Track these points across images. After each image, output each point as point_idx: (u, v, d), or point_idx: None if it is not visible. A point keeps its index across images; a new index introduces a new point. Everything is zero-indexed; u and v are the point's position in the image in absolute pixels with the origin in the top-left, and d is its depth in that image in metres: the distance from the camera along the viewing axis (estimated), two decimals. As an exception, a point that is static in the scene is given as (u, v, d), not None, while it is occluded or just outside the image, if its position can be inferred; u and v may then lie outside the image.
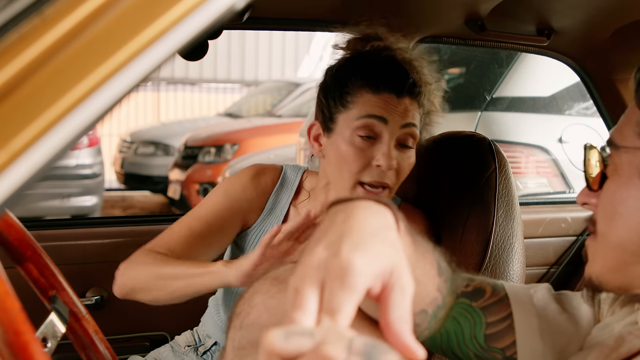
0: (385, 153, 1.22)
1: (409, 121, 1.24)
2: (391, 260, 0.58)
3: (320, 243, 0.58)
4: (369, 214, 0.62)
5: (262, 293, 0.69)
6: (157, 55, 0.51)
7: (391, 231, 0.63)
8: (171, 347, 1.49)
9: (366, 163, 1.23)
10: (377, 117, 1.22)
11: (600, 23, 1.72)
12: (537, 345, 0.79)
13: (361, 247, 0.56)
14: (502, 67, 3.57)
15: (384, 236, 0.60)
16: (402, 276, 0.58)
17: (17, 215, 0.96)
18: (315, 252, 0.57)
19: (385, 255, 0.58)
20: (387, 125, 1.22)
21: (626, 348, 0.70)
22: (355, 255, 0.55)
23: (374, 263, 0.56)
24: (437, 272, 0.75)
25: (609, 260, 0.72)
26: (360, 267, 0.54)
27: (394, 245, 0.61)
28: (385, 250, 0.58)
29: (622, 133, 0.71)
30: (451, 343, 0.81)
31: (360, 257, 0.55)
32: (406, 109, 1.23)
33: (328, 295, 0.53)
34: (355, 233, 0.58)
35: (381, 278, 0.56)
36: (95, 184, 5.22)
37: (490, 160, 1.42)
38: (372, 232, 0.59)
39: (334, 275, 0.54)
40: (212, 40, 1.38)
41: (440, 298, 0.76)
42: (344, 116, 1.25)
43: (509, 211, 1.38)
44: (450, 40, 1.85)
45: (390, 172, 1.24)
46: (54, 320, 0.91)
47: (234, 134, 6.25)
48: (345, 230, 0.58)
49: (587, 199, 0.75)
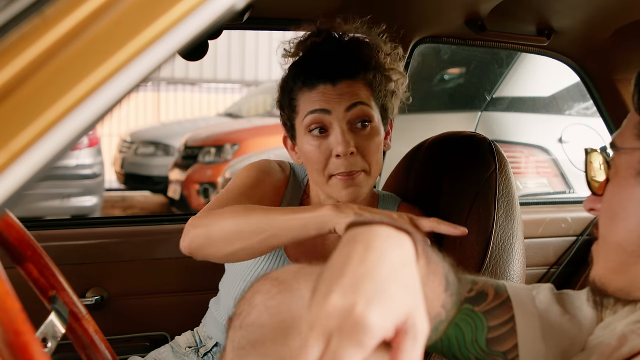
0: (339, 141, 1.22)
1: (352, 102, 1.24)
2: (408, 307, 0.57)
3: (336, 287, 0.56)
4: (388, 247, 0.60)
5: (262, 293, 0.69)
6: (157, 55, 0.51)
7: (410, 268, 0.61)
8: (171, 348, 1.49)
9: (327, 156, 1.24)
10: (318, 111, 1.23)
11: (600, 23, 1.72)
12: (539, 347, 0.79)
13: (378, 300, 0.55)
14: (502, 67, 3.58)
15: (403, 277, 0.59)
16: (417, 323, 0.56)
17: (17, 215, 0.96)
18: (331, 298, 0.55)
19: (402, 303, 0.56)
20: (332, 115, 1.23)
21: (629, 347, 0.70)
22: (370, 311, 0.54)
23: (389, 316, 0.55)
24: (444, 289, 0.74)
25: (610, 262, 0.72)
26: (374, 325, 0.53)
27: (412, 286, 0.59)
28: (402, 297, 0.57)
29: (623, 135, 0.72)
30: (452, 347, 0.81)
31: (376, 313, 0.54)
32: (345, 92, 1.24)
33: (336, 347, 0.52)
34: (373, 279, 0.56)
35: (395, 327, 0.56)
36: (95, 184, 5.22)
37: (491, 160, 1.42)
38: (391, 275, 0.58)
39: (347, 331, 0.53)
40: (212, 40, 1.38)
41: (443, 313, 0.76)
42: (297, 121, 1.28)
43: (509, 211, 1.37)
44: (450, 40, 1.85)
45: (354, 157, 1.23)
46: (54, 320, 0.91)
47: (234, 134, 6.25)
48: (363, 274, 0.57)
49: (593, 204, 0.75)
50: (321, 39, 1.29)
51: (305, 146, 1.27)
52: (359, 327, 0.53)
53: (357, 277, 0.57)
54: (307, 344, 0.53)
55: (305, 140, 1.26)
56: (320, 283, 0.58)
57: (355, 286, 0.56)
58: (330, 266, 0.60)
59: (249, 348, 0.65)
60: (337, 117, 1.23)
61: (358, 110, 1.24)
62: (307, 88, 1.25)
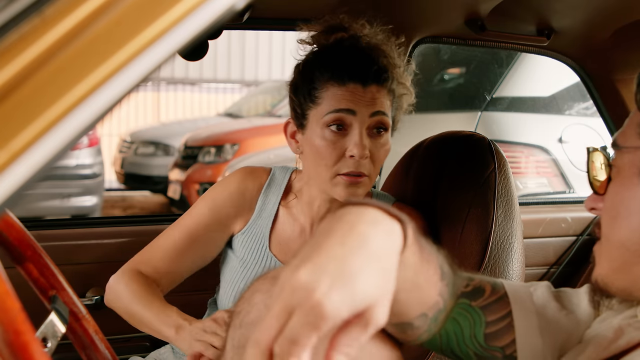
0: (357, 143, 1.22)
1: (377, 109, 1.24)
2: (372, 298, 0.56)
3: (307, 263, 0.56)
4: (372, 233, 0.60)
5: (262, 292, 0.69)
6: (157, 55, 0.51)
7: (389, 257, 0.61)
8: (171, 348, 1.49)
9: (340, 155, 1.24)
10: (345, 110, 1.23)
11: (600, 23, 1.72)
12: (536, 343, 0.80)
13: (342, 286, 0.55)
14: (502, 67, 3.58)
15: (378, 266, 0.58)
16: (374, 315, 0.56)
17: (17, 215, 0.96)
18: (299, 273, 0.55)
19: (367, 293, 0.56)
20: (356, 116, 1.23)
21: (625, 340, 0.70)
22: (330, 297, 0.54)
23: (348, 303, 0.54)
24: (439, 277, 0.75)
25: (612, 261, 0.72)
26: (331, 312, 0.53)
27: (385, 276, 0.59)
28: (370, 286, 0.56)
29: (625, 134, 0.72)
30: (451, 343, 0.81)
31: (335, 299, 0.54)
32: (373, 97, 1.24)
33: (293, 324, 0.53)
34: (345, 263, 0.56)
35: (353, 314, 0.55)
36: (95, 184, 5.22)
37: (490, 159, 1.42)
38: (365, 262, 0.57)
39: (305, 311, 0.53)
40: (212, 40, 1.38)
41: (441, 302, 0.76)
42: (314, 112, 1.26)
43: (508, 211, 1.37)
44: (450, 40, 1.85)
45: (365, 161, 1.24)
46: (54, 320, 0.91)
47: (234, 134, 6.25)
48: (337, 256, 0.56)
49: (595, 203, 0.75)
50: (349, 35, 1.28)
51: (317, 139, 1.25)
52: (316, 310, 0.53)
53: (330, 257, 0.56)
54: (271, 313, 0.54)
55: (320, 134, 1.25)
56: (298, 254, 0.58)
57: (325, 266, 0.56)
58: (313, 239, 0.60)
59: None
60: (361, 120, 1.23)
61: (380, 119, 1.25)
62: (335, 82, 1.24)
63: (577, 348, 0.77)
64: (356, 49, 1.26)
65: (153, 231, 1.81)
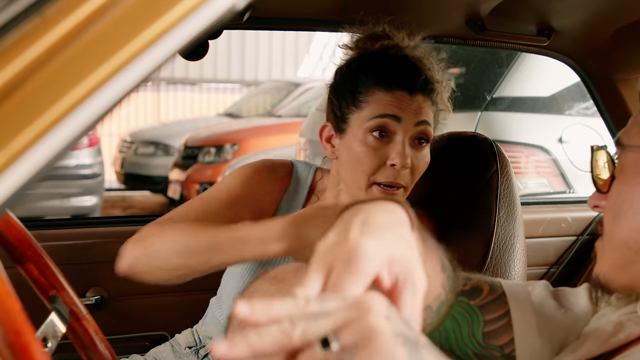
0: (399, 152, 1.19)
1: (423, 119, 1.22)
2: (403, 252, 0.57)
3: (331, 232, 0.58)
4: (382, 211, 0.62)
5: (261, 292, 0.69)
6: (158, 55, 0.51)
7: (405, 227, 0.63)
8: (171, 346, 1.49)
9: (380, 163, 1.21)
10: (390, 116, 1.20)
11: (600, 23, 1.72)
12: (535, 341, 0.80)
13: (371, 234, 0.56)
14: (502, 67, 3.57)
15: (397, 231, 0.60)
16: (414, 272, 0.57)
17: (17, 215, 0.96)
18: (327, 238, 0.57)
19: (396, 246, 0.57)
20: (401, 124, 1.20)
21: (625, 334, 0.70)
22: (364, 239, 0.55)
23: (383, 249, 0.56)
24: (441, 269, 0.75)
25: (614, 259, 0.72)
26: (368, 251, 0.54)
27: (407, 240, 0.60)
28: (397, 242, 0.58)
29: (629, 133, 0.72)
30: (449, 341, 0.81)
31: (369, 242, 0.55)
32: (419, 106, 1.22)
33: (334, 278, 0.53)
34: (366, 223, 0.58)
35: (391, 268, 0.56)
36: (95, 184, 5.22)
37: (492, 161, 1.42)
38: (384, 226, 0.59)
39: (341, 258, 0.54)
40: (212, 40, 1.38)
41: (443, 294, 0.76)
42: (357, 116, 1.23)
43: (510, 212, 1.38)
44: (450, 40, 1.85)
45: (404, 171, 1.21)
46: (54, 320, 0.91)
47: (234, 134, 6.25)
48: (356, 221, 0.58)
49: (597, 201, 0.75)
50: (394, 43, 1.27)
51: (357, 145, 1.22)
52: (354, 252, 0.54)
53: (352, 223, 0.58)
54: (307, 278, 0.54)
55: (362, 140, 1.21)
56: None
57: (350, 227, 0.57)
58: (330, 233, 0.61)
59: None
60: (405, 128, 1.21)
61: (424, 129, 1.23)
62: (382, 88, 1.21)
63: (576, 342, 0.78)
64: (403, 57, 1.24)
65: (153, 231, 1.82)
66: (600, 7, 1.63)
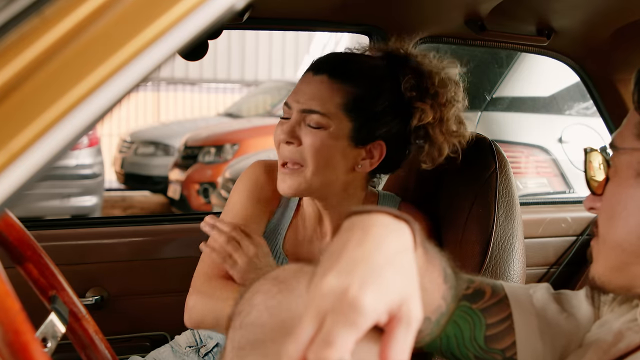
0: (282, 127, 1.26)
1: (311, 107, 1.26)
2: (403, 293, 0.57)
3: (332, 270, 0.56)
4: (386, 234, 0.60)
5: (262, 293, 0.69)
6: (157, 55, 0.51)
7: (407, 255, 0.61)
8: (171, 347, 1.49)
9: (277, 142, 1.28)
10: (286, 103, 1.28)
11: (600, 23, 1.72)
12: (537, 345, 0.80)
13: (372, 282, 0.55)
14: (502, 67, 3.57)
15: (399, 263, 0.59)
16: (411, 310, 0.56)
17: (17, 215, 0.96)
18: (326, 280, 0.55)
19: (397, 288, 0.56)
20: (291, 109, 1.27)
21: (625, 343, 0.70)
22: (364, 293, 0.54)
23: (383, 299, 0.55)
24: (443, 280, 0.75)
25: (609, 261, 0.72)
26: (368, 307, 0.53)
27: (409, 273, 0.59)
28: (398, 282, 0.57)
29: (622, 135, 0.72)
30: (451, 346, 0.81)
31: (370, 296, 0.54)
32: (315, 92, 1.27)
33: (328, 327, 0.52)
34: (369, 263, 0.57)
35: (389, 312, 0.56)
36: (95, 184, 5.22)
37: (491, 160, 1.42)
38: (387, 260, 0.58)
39: (340, 311, 0.53)
40: (212, 40, 1.38)
41: (444, 305, 0.76)
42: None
43: (509, 211, 1.38)
44: (450, 40, 1.85)
45: (292, 147, 1.24)
46: (54, 320, 0.91)
47: (234, 134, 6.25)
48: (359, 257, 0.57)
49: (593, 203, 0.76)
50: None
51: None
52: (353, 307, 0.53)
53: (353, 260, 0.57)
54: (301, 324, 0.53)
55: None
56: (318, 267, 0.59)
57: (351, 269, 0.56)
58: (329, 251, 0.60)
59: (249, 348, 0.65)
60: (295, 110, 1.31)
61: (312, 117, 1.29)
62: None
63: (577, 352, 0.78)
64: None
65: (153, 231, 1.82)
66: (599, 7, 1.63)
